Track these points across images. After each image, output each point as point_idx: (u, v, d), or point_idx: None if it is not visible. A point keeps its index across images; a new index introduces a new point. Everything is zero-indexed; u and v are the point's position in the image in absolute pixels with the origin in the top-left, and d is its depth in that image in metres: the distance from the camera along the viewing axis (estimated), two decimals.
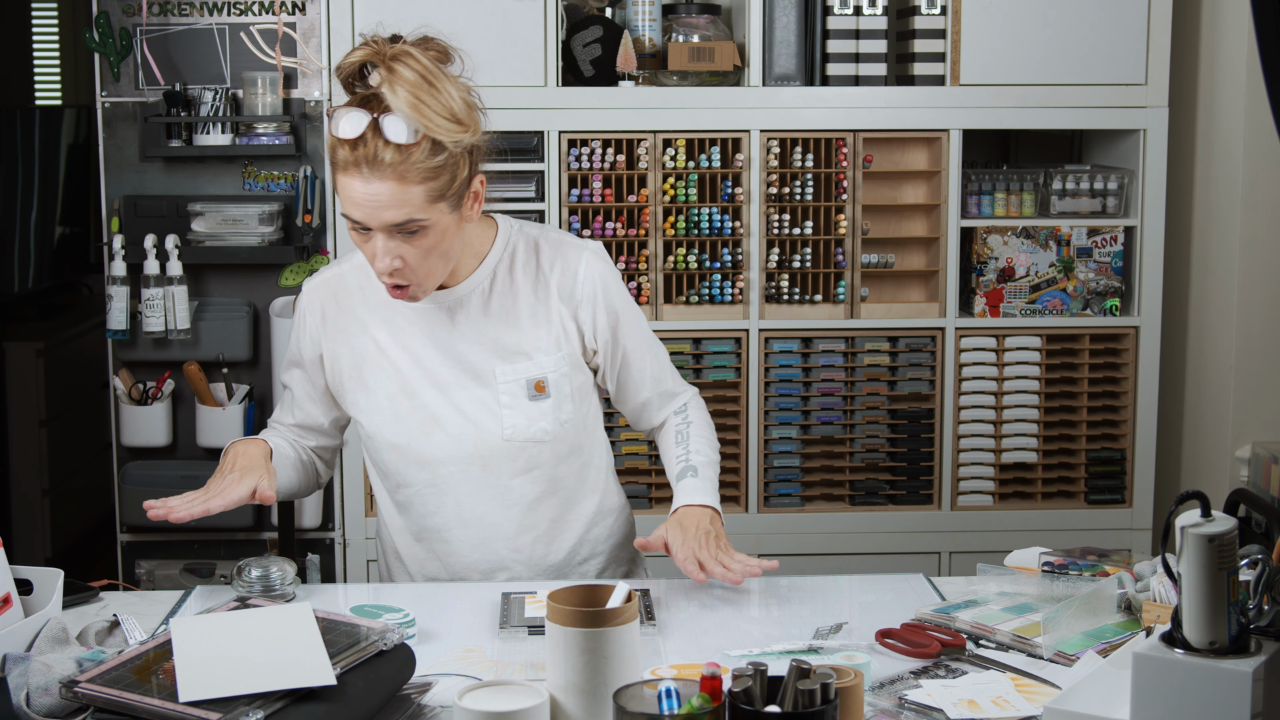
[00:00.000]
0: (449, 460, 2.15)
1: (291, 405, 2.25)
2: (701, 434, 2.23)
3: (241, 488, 2.06)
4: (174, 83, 3.33)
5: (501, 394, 2.12)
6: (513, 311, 2.13)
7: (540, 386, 2.13)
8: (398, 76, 1.90)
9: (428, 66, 1.94)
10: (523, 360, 2.12)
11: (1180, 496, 1.48)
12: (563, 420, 2.15)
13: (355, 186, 1.93)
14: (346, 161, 1.92)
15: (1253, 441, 3.43)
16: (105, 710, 1.55)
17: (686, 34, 3.41)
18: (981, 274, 3.44)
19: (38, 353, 4.69)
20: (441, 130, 1.92)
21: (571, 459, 2.20)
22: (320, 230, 3.37)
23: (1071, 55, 3.38)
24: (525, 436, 2.14)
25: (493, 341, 2.12)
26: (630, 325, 2.19)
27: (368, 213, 1.94)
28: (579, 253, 2.16)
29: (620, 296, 2.18)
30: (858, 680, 1.57)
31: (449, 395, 2.13)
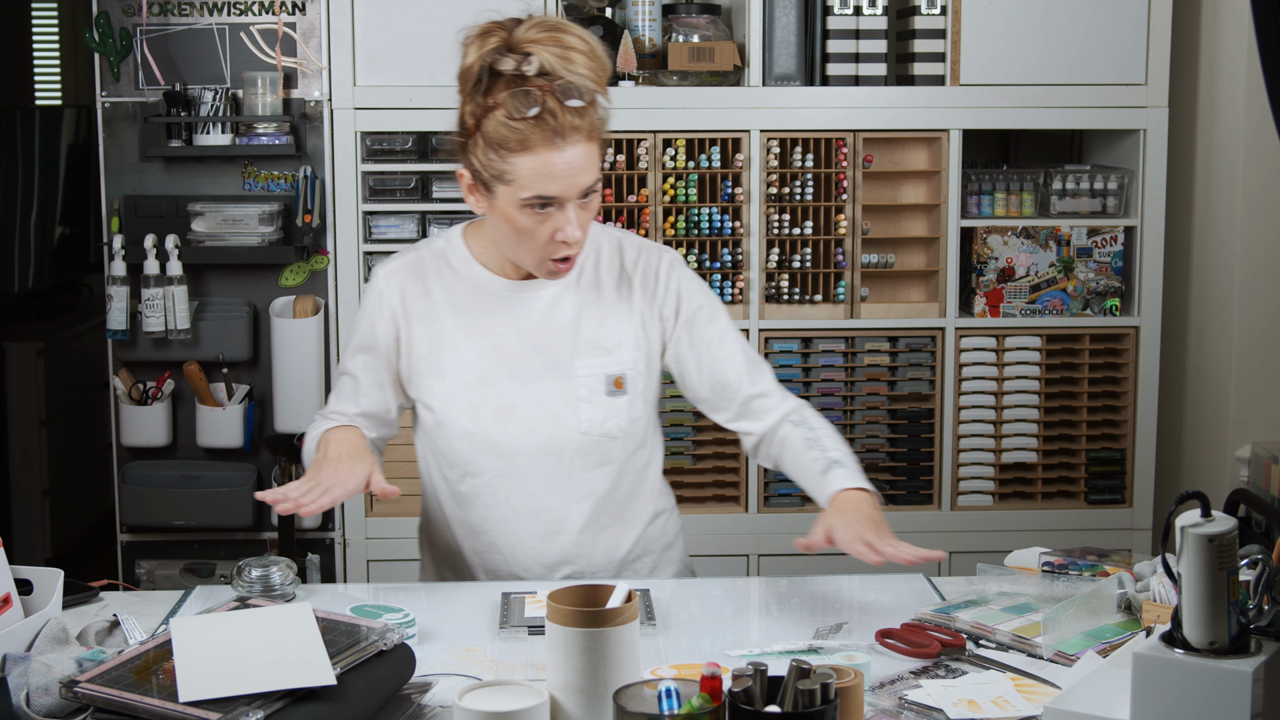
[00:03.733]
0: (523, 451, 2.14)
1: (356, 393, 2.20)
2: (832, 436, 2.16)
3: (356, 475, 2.03)
4: (174, 83, 3.33)
5: (580, 387, 2.13)
6: (596, 306, 2.14)
7: (619, 383, 2.14)
8: (564, 45, 1.95)
9: (584, 32, 1.99)
10: (603, 355, 2.13)
11: (1180, 496, 1.48)
12: (635, 417, 2.16)
13: (551, 160, 1.95)
14: (537, 139, 1.94)
15: (1253, 441, 3.43)
16: (105, 710, 1.55)
17: (686, 34, 3.41)
18: (981, 274, 3.44)
19: (38, 353, 4.69)
20: (604, 89, 1.99)
21: (638, 456, 2.20)
22: (320, 230, 3.37)
23: (1071, 55, 3.38)
24: (601, 431, 2.14)
25: (575, 334, 2.13)
26: (713, 322, 2.18)
27: (566, 183, 1.96)
28: (659, 254, 2.18)
29: (701, 293, 2.19)
30: (858, 680, 1.57)
31: (527, 385, 2.13)
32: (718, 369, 2.18)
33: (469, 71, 2.00)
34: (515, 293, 2.13)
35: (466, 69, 2.00)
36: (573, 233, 2.00)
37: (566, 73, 1.95)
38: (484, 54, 1.98)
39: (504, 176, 1.97)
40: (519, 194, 1.98)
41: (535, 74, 1.94)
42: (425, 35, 3.32)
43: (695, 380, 2.20)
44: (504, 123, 1.95)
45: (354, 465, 2.05)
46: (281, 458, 3.35)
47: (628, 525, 2.22)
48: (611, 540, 2.21)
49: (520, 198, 1.98)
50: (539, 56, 1.94)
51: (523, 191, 1.97)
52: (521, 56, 1.95)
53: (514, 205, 1.99)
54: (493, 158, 1.97)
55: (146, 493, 3.40)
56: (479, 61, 1.98)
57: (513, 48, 1.97)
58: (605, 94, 2.01)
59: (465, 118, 2.02)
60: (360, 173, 3.36)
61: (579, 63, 1.96)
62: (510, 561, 2.21)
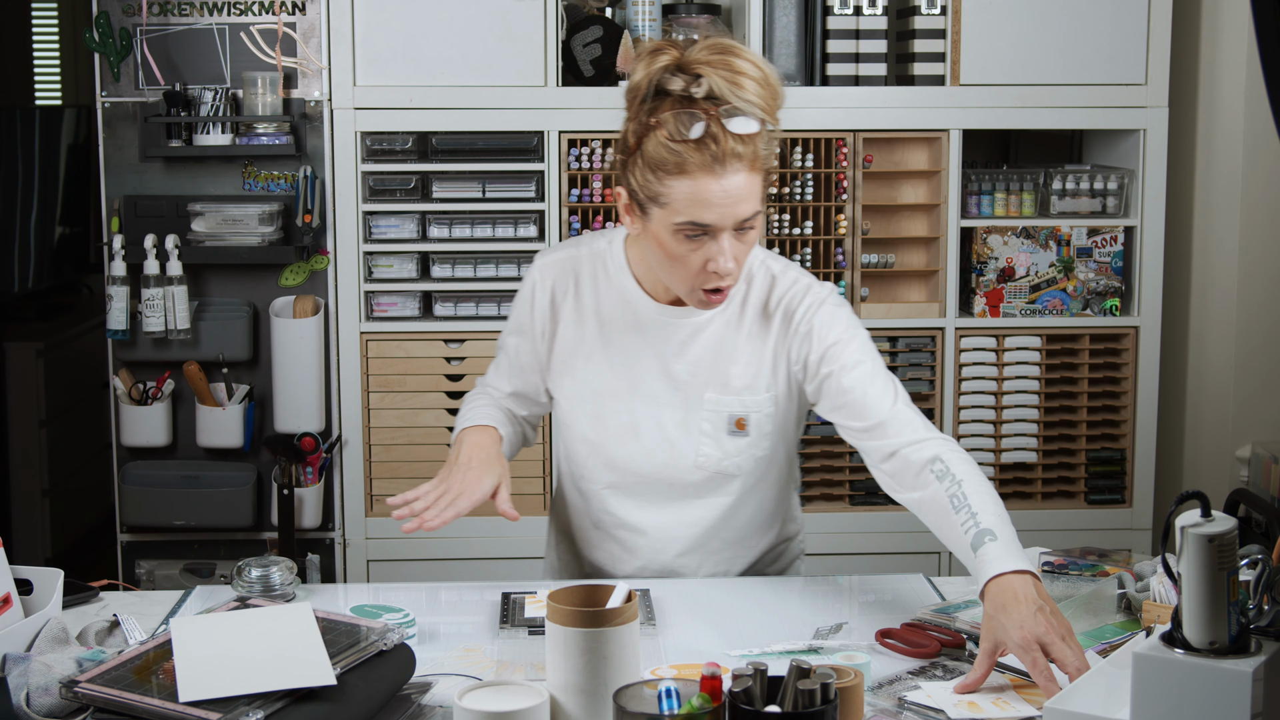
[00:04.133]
0: (638, 471, 2.12)
1: (510, 372, 2.19)
2: (979, 490, 1.93)
3: (484, 486, 2.00)
4: (174, 83, 3.33)
5: (704, 421, 2.10)
6: (734, 342, 2.09)
7: (741, 424, 2.10)
8: (735, 70, 1.89)
9: (758, 59, 1.93)
10: (730, 394, 2.09)
11: (1180, 496, 1.48)
12: (758, 456, 2.13)
13: (710, 186, 1.89)
14: (697, 163, 1.89)
15: (1253, 441, 3.43)
16: (105, 710, 1.55)
17: (686, 34, 3.41)
18: (981, 274, 3.44)
19: (38, 353, 4.69)
20: (774, 118, 1.93)
21: (759, 490, 2.17)
22: (320, 230, 3.37)
23: (1071, 55, 3.38)
24: (716, 468, 2.11)
25: (709, 368, 2.09)
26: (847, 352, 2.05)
27: (723, 211, 1.90)
28: (805, 293, 2.08)
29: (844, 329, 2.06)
30: (858, 680, 1.57)
31: (653, 409, 2.11)
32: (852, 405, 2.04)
33: (636, 88, 1.94)
34: (661, 316, 2.09)
35: (634, 85, 1.94)
36: (725, 264, 1.93)
37: (735, 98, 1.88)
38: (652, 72, 1.92)
39: (659, 199, 1.92)
40: (673, 219, 1.92)
41: (703, 97, 1.89)
42: (425, 35, 3.32)
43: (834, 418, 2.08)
44: (664, 143, 1.89)
45: (483, 475, 2.01)
46: (281, 458, 3.35)
47: (741, 552, 2.21)
48: (720, 564, 2.20)
49: (674, 222, 1.92)
50: (709, 80, 1.88)
51: (676, 216, 1.92)
52: (691, 78, 1.90)
53: (667, 230, 1.94)
54: (650, 178, 1.92)
55: (146, 493, 3.40)
56: (647, 79, 1.92)
57: (683, 68, 1.91)
58: (776, 123, 1.94)
59: (628, 135, 1.96)
60: (360, 173, 3.36)
61: (749, 89, 1.88)
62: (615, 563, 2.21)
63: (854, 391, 2.03)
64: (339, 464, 3.42)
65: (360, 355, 3.39)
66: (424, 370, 3.41)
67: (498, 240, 3.39)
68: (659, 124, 1.90)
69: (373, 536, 3.44)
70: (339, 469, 3.43)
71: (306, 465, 3.37)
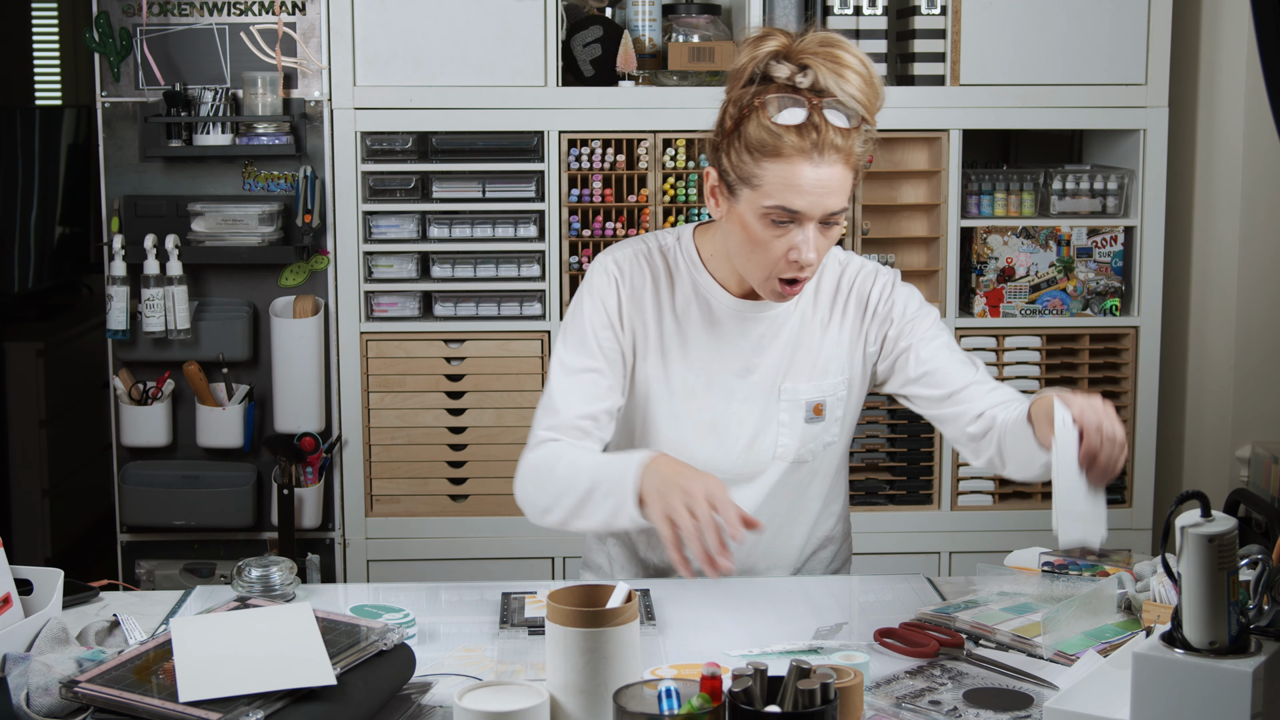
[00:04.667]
0: (716, 468, 2.09)
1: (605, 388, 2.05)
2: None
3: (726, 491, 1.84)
4: (174, 83, 3.33)
5: (782, 412, 2.10)
6: (809, 330, 2.11)
7: (819, 409, 2.11)
8: (842, 63, 1.91)
9: (860, 54, 1.94)
10: (808, 382, 2.10)
11: (1180, 496, 1.48)
12: (826, 443, 2.14)
13: (805, 172, 1.89)
14: (795, 148, 1.89)
15: (1253, 441, 3.43)
16: (105, 710, 1.55)
17: (686, 34, 3.41)
18: (981, 274, 3.44)
19: (38, 353, 4.69)
20: (873, 118, 1.94)
21: (816, 482, 2.18)
22: (320, 230, 3.37)
23: (1071, 55, 3.38)
24: (793, 456, 2.12)
25: (787, 359, 2.10)
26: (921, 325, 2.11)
27: (813, 200, 1.91)
28: (874, 277, 2.13)
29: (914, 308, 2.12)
30: (857, 680, 1.57)
31: (730, 404, 2.10)
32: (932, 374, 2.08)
33: (740, 71, 1.95)
34: (738, 310, 2.08)
35: (738, 69, 1.95)
36: (808, 254, 1.93)
37: (839, 91, 1.90)
38: (758, 56, 1.93)
39: (751, 180, 1.92)
40: (762, 201, 1.92)
41: (808, 87, 1.90)
42: (425, 35, 3.32)
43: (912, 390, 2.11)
44: (765, 125, 1.90)
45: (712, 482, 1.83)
46: (281, 458, 3.35)
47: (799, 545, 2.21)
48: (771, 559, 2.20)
49: (763, 205, 1.92)
50: (815, 71, 1.90)
51: (767, 200, 1.91)
52: (797, 67, 1.91)
53: (754, 213, 1.93)
54: (745, 159, 1.92)
55: (146, 493, 3.40)
56: (752, 64, 1.93)
57: (789, 56, 1.92)
58: (873, 124, 1.94)
59: (725, 117, 1.96)
60: (360, 173, 3.36)
61: (853, 84, 1.90)
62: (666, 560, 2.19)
63: (935, 360, 2.08)
64: (339, 464, 3.42)
65: (360, 355, 3.39)
66: (424, 370, 3.41)
67: (498, 240, 3.39)
68: (761, 105, 1.91)
69: (373, 536, 3.44)
70: (339, 469, 3.43)
71: (306, 465, 3.37)
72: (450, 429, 3.43)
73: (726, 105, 1.97)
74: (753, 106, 1.92)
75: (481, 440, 3.43)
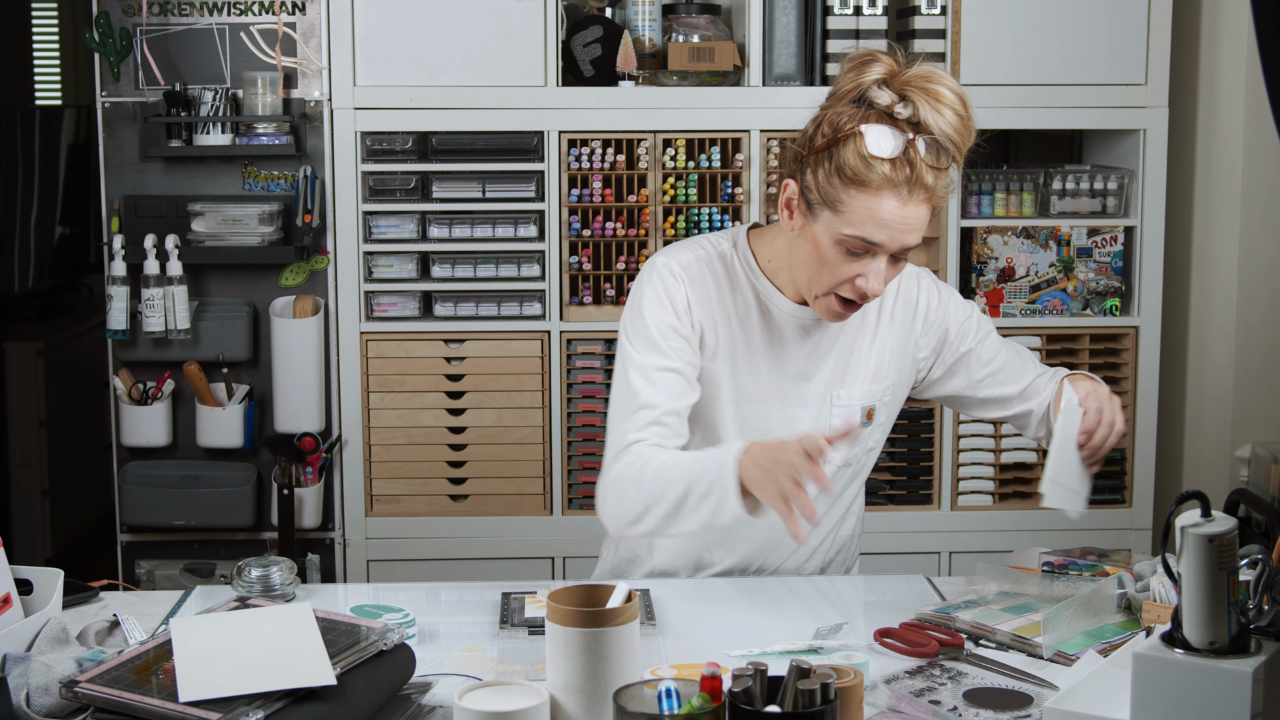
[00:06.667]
0: None
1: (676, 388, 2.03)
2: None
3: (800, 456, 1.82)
4: (174, 83, 3.33)
5: (835, 418, 2.11)
6: (862, 338, 2.12)
7: (871, 414, 2.13)
8: (942, 100, 1.89)
9: (960, 92, 1.91)
10: (861, 387, 2.11)
11: (1180, 496, 1.48)
12: (870, 448, 2.17)
13: (889, 207, 1.88)
14: (884, 180, 1.87)
15: (1253, 441, 3.43)
16: (105, 710, 1.55)
17: (686, 34, 3.41)
18: (981, 274, 3.44)
19: (38, 353, 4.69)
20: (962, 156, 1.92)
21: (855, 485, 2.21)
22: (320, 230, 3.37)
23: (1071, 55, 3.38)
24: (841, 461, 2.13)
25: (842, 368, 2.11)
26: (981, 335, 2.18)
27: (894, 234, 1.90)
28: (916, 280, 2.16)
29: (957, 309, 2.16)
30: (857, 680, 1.57)
31: (788, 411, 2.10)
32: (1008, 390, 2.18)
33: (841, 92, 1.93)
34: (797, 317, 2.08)
35: (840, 90, 1.93)
36: (875, 286, 1.94)
37: (936, 127, 1.88)
38: (862, 82, 1.91)
39: (836, 206, 1.91)
40: (842, 229, 1.91)
41: (906, 118, 1.88)
42: (425, 35, 3.32)
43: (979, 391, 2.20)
44: (860, 153, 1.88)
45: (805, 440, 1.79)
46: (281, 458, 3.35)
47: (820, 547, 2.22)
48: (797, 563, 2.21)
49: (842, 232, 1.91)
50: (915, 103, 1.88)
51: (847, 228, 1.91)
52: (898, 97, 1.89)
53: (831, 237, 1.93)
54: (834, 182, 1.90)
55: (146, 493, 3.40)
56: (856, 89, 1.91)
57: (891, 84, 1.90)
58: (960, 163, 1.93)
59: (818, 134, 1.94)
60: (360, 173, 3.36)
61: (949, 121, 1.88)
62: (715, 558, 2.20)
63: (998, 360, 2.18)
64: (339, 464, 3.42)
65: (360, 355, 3.39)
66: (424, 370, 3.41)
67: (498, 240, 3.39)
68: (859, 133, 1.88)
69: (373, 536, 3.44)
70: (339, 469, 3.43)
71: (306, 465, 3.37)
72: (450, 429, 3.43)
73: (820, 121, 1.95)
74: (850, 133, 1.89)
75: (481, 440, 3.43)
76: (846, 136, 1.89)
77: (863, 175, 1.88)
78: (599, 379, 3.41)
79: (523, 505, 3.45)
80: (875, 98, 1.89)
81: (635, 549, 2.26)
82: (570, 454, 3.43)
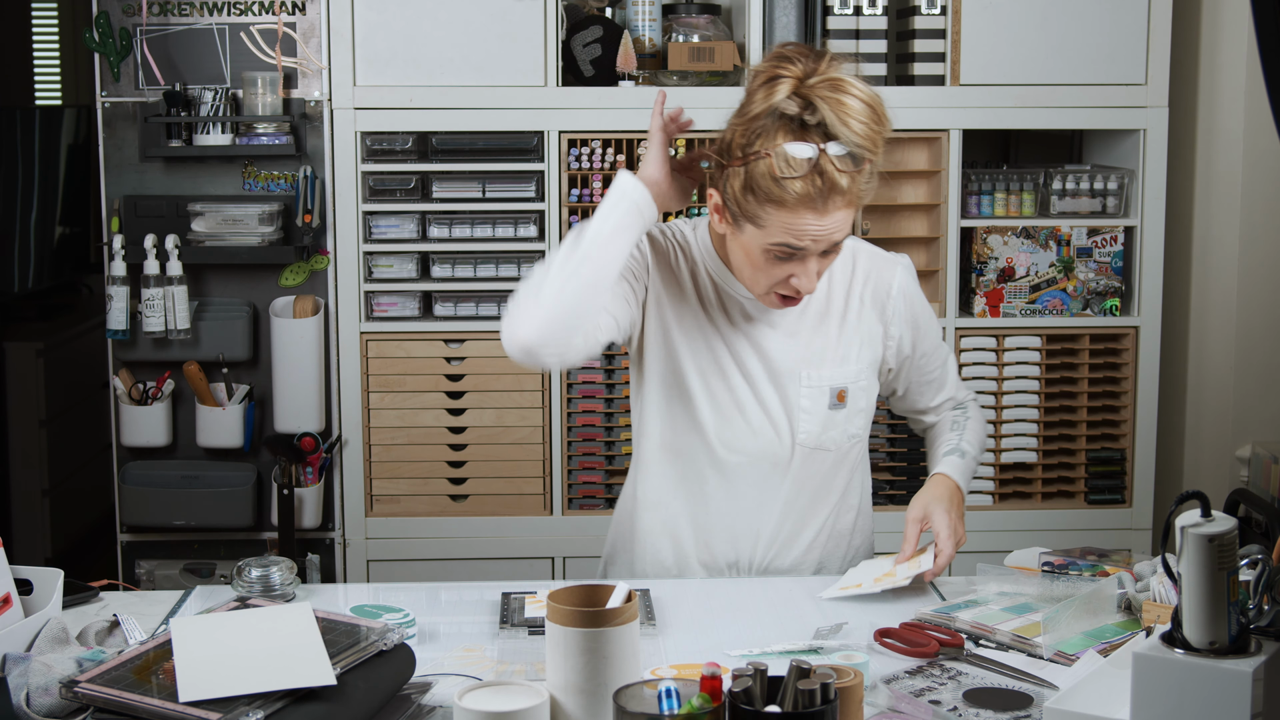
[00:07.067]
0: (741, 450, 2.14)
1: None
2: (977, 430, 2.27)
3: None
4: (174, 83, 3.33)
5: (803, 397, 2.13)
6: (825, 316, 2.15)
7: (842, 396, 2.15)
8: (848, 110, 1.91)
9: (868, 93, 1.94)
10: (829, 367, 2.14)
11: (1180, 496, 1.48)
12: (851, 434, 2.18)
13: (807, 219, 1.93)
14: (799, 198, 1.92)
15: (1253, 441, 3.43)
16: (105, 710, 1.55)
17: (686, 34, 3.41)
18: (981, 274, 3.44)
19: (38, 353, 4.69)
20: (878, 153, 1.95)
21: (839, 472, 2.21)
22: (320, 230, 3.37)
23: (1071, 55, 3.38)
24: (816, 443, 2.15)
25: (802, 346, 2.14)
26: (930, 338, 2.23)
27: (817, 241, 1.96)
28: (892, 267, 2.19)
29: (924, 310, 2.22)
30: (857, 680, 1.57)
31: (754, 388, 2.14)
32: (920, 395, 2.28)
33: (750, 105, 1.96)
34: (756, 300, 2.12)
35: (748, 104, 1.96)
36: (807, 285, 2.01)
37: (844, 134, 1.91)
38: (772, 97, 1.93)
39: (756, 220, 1.96)
40: (766, 240, 1.97)
41: (815, 124, 1.91)
42: (425, 35, 3.32)
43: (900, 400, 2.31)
44: (770, 175, 1.92)
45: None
46: (281, 458, 3.35)
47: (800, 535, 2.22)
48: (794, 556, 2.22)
49: (766, 243, 1.97)
50: (822, 111, 1.90)
51: (770, 239, 1.96)
52: (805, 103, 1.91)
53: (757, 246, 1.99)
54: (750, 199, 1.95)
55: (146, 493, 3.40)
56: (766, 105, 1.93)
57: (800, 93, 1.92)
58: (878, 158, 1.96)
59: (733, 147, 1.98)
60: (360, 173, 3.36)
61: (857, 127, 1.91)
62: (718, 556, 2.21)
63: (936, 370, 2.27)
64: (339, 464, 3.42)
65: (360, 355, 3.39)
66: (424, 370, 3.41)
67: (498, 240, 3.39)
68: (768, 154, 1.92)
69: (373, 536, 3.44)
70: (339, 469, 3.43)
71: (306, 465, 3.37)
72: (450, 429, 3.43)
73: (734, 135, 1.98)
74: (758, 153, 1.93)
75: (481, 440, 3.43)
76: (758, 155, 1.93)
77: (776, 195, 1.93)
78: (599, 379, 3.41)
79: (523, 505, 3.45)
80: (784, 108, 1.93)
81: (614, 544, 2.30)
82: (570, 454, 3.43)
